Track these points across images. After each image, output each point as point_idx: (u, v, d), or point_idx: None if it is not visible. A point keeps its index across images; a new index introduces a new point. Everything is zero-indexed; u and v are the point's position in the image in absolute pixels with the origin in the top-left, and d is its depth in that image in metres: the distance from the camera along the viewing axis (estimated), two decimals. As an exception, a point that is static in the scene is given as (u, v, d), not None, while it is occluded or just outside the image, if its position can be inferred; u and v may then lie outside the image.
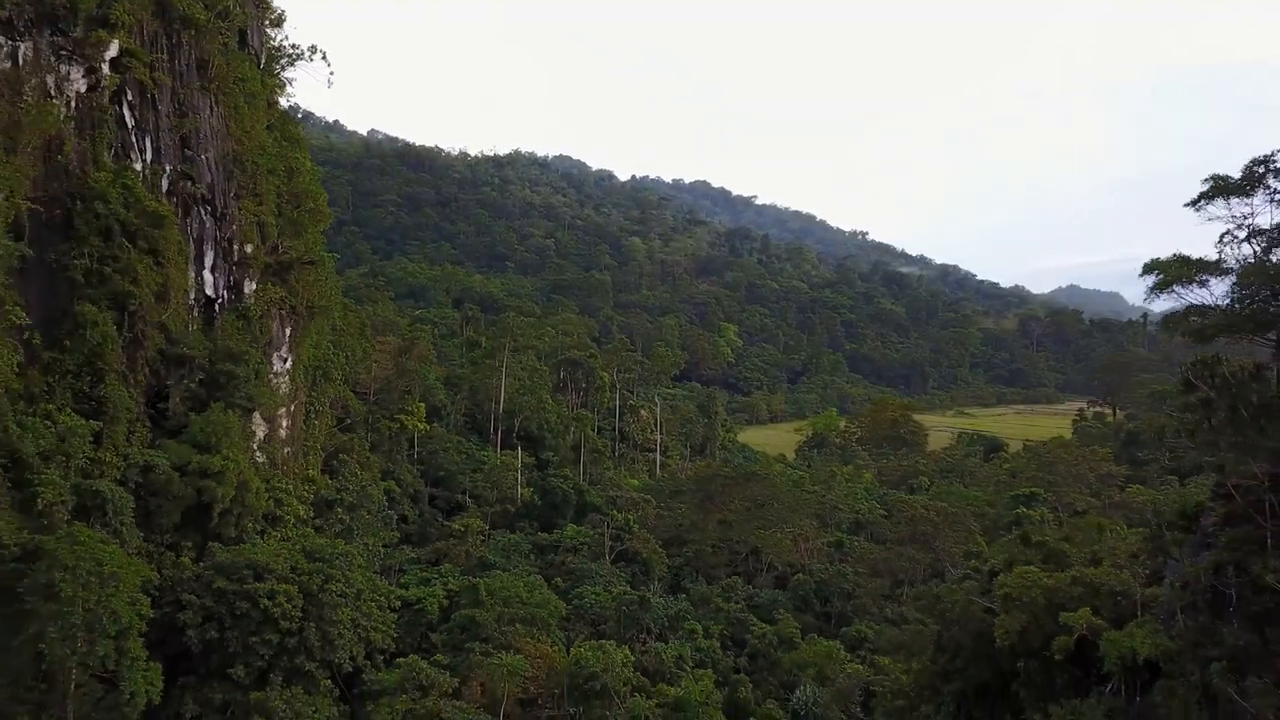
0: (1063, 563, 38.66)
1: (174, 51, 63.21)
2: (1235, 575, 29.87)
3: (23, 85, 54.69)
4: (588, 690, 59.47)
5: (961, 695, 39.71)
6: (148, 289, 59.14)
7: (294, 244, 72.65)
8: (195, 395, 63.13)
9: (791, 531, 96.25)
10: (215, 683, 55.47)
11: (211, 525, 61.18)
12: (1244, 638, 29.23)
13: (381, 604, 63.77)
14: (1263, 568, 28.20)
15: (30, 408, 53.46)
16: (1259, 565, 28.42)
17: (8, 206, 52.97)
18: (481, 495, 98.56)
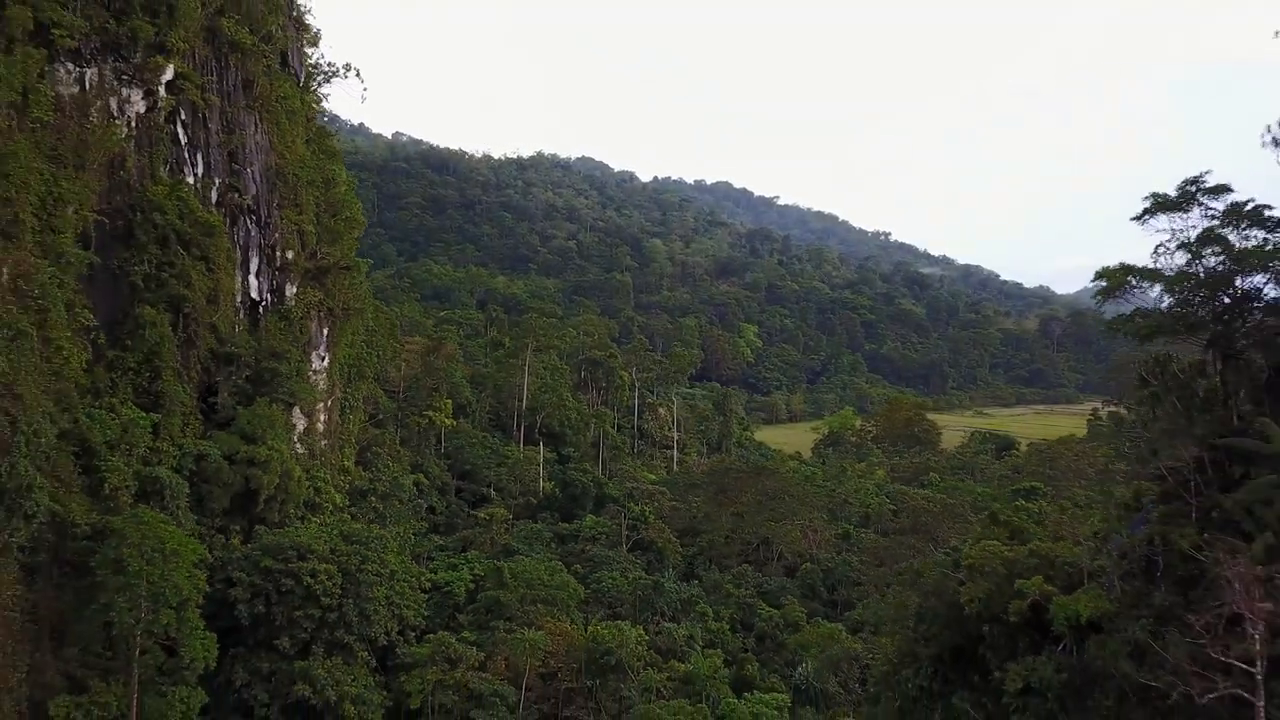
0: (1024, 539, 42.92)
1: (222, 73, 68.54)
2: (1163, 546, 34.10)
3: (89, 108, 60.15)
4: (604, 665, 64.22)
5: (937, 659, 43.94)
6: (200, 293, 64.50)
7: (331, 250, 77.89)
8: (242, 390, 68.42)
9: (801, 524, 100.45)
10: (262, 653, 60.59)
11: (257, 510, 66.40)
12: (1169, 599, 33.43)
13: (413, 584, 68.70)
14: (1180, 537, 32.35)
15: (96, 401, 58.82)
16: (1178, 536, 32.58)
17: (77, 219, 58.52)
18: (505, 488, 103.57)
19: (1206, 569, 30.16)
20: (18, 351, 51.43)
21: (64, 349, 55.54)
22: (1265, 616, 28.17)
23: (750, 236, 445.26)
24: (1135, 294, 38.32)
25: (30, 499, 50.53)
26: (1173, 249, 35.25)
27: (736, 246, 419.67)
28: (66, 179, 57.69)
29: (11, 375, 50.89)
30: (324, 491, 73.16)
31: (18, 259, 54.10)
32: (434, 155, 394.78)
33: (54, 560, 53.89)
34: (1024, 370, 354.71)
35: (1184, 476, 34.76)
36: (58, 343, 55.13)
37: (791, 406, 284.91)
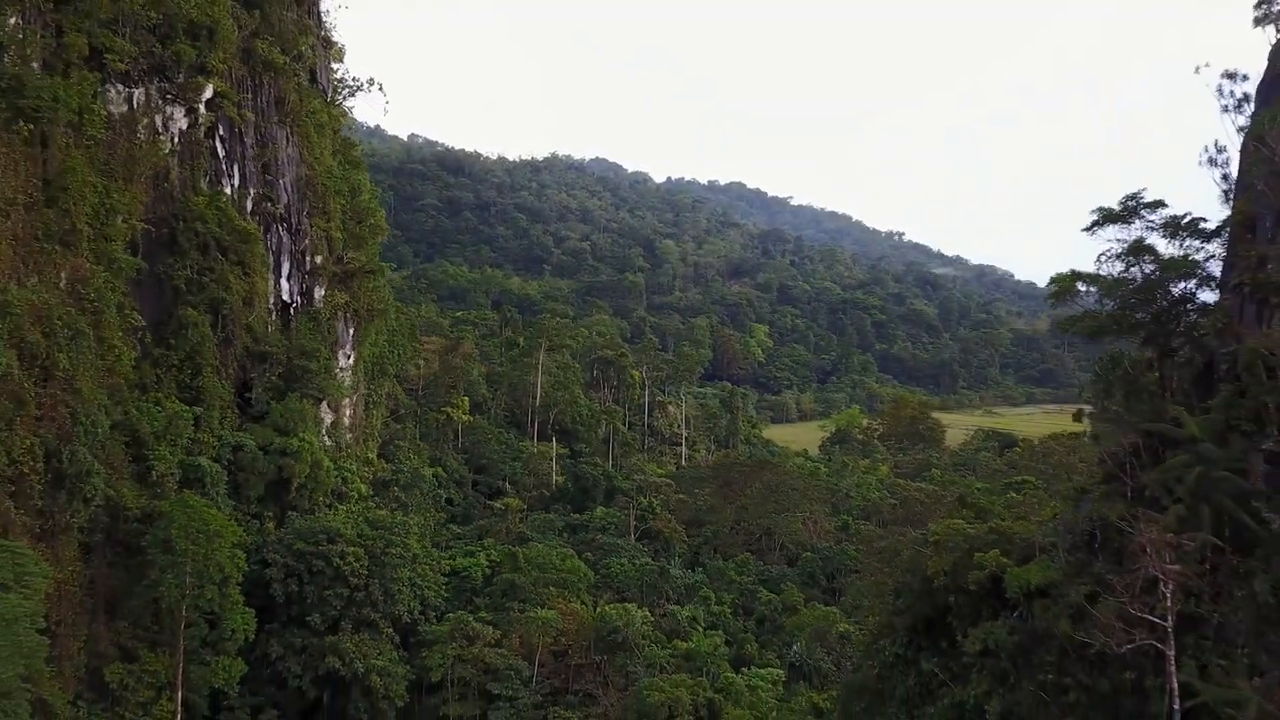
0: (986, 518, 47.26)
1: (257, 91, 73.57)
2: (1101, 521, 38.42)
3: (137, 125, 65.25)
4: (611, 642, 68.87)
5: (912, 629, 48.25)
6: (237, 295, 69.54)
7: (356, 255, 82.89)
8: (275, 386, 73.44)
9: (802, 515, 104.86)
10: (295, 629, 65.47)
11: (289, 498, 71.37)
12: (1106, 568, 37.75)
13: (434, 567, 73.60)
14: (1111, 512, 36.66)
15: (144, 395, 63.85)
16: (1111, 511, 36.89)
17: (126, 227, 63.62)
18: (520, 481, 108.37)
19: (1130, 539, 34.51)
20: (76, 349, 56.52)
21: (116, 347, 60.59)
22: (1175, 577, 32.57)
23: (762, 237, 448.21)
24: (1085, 297, 42.67)
25: (89, 483, 55.63)
26: (1113, 257, 39.60)
27: (749, 247, 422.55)
28: (117, 191, 62.78)
29: (71, 371, 56.02)
30: (350, 481, 78.05)
31: (75, 265, 59.26)
32: (449, 157, 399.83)
33: (108, 540, 58.95)
34: (1035, 370, 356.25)
35: (1121, 460, 39.11)
36: (110, 341, 60.17)
37: (802, 406, 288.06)
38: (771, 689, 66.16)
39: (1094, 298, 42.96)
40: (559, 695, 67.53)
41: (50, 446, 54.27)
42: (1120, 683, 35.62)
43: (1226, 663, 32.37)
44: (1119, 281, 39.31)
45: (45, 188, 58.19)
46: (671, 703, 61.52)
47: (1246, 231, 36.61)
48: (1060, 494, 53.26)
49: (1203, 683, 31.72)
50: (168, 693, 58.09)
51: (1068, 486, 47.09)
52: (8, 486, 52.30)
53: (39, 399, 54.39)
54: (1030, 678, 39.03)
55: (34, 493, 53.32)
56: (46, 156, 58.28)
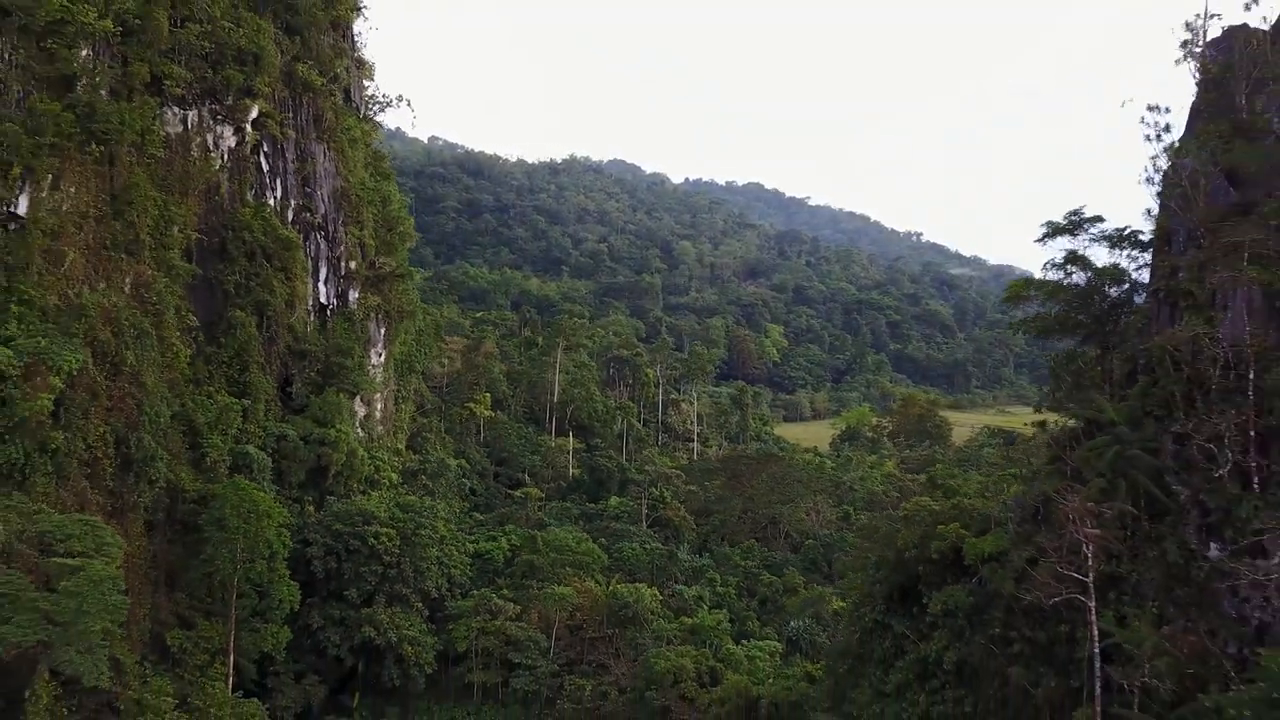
0: (952, 497, 52.85)
1: (297, 110, 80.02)
2: (1044, 496, 43.98)
3: (190, 144, 71.81)
4: (623, 617, 74.87)
5: (888, 597, 53.79)
6: (280, 298, 76.01)
7: (387, 260, 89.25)
8: (313, 381, 79.89)
9: (807, 506, 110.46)
10: (334, 602, 71.83)
11: (327, 484, 77.78)
12: (1048, 538, 43.32)
13: (460, 548, 79.86)
14: (1049, 488, 42.23)
15: (198, 389, 70.34)
16: (1049, 488, 42.48)
17: (182, 237, 70.18)
18: (538, 473, 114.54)
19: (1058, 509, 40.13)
20: (141, 347, 63.12)
21: (174, 345, 67.17)
22: (1096, 540, 38.18)
23: (779, 238, 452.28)
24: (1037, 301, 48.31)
25: (153, 467, 62.27)
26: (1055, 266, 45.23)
27: (765, 248, 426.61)
28: (174, 204, 69.39)
29: (137, 366, 62.60)
30: (382, 469, 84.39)
31: (138, 271, 65.85)
32: (469, 160, 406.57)
33: (168, 519, 65.53)
34: (1048, 369, 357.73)
35: (1063, 443, 44.73)
36: (169, 340, 66.74)
37: (815, 405, 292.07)
38: (769, 660, 71.95)
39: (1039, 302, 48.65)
40: (574, 665, 73.58)
41: (119, 434, 60.89)
42: (1055, 634, 41.26)
43: (1139, 613, 37.91)
44: (1059, 287, 44.92)
45: (112, 202, 64.80)
46: (676, 670, 67.54)
47: (1165, 244, 42.12)
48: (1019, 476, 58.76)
49: (1116, 628, 37.33)
50: (221, 658, 64.45)
51: (1025, 469, 52.55)
52: (84, 469, 58.96)
53: (109, 392, 61.00)
54: (982, 633, 44.71)
55: (106, 475, 59.97)
56: (113, 174, 64.86)
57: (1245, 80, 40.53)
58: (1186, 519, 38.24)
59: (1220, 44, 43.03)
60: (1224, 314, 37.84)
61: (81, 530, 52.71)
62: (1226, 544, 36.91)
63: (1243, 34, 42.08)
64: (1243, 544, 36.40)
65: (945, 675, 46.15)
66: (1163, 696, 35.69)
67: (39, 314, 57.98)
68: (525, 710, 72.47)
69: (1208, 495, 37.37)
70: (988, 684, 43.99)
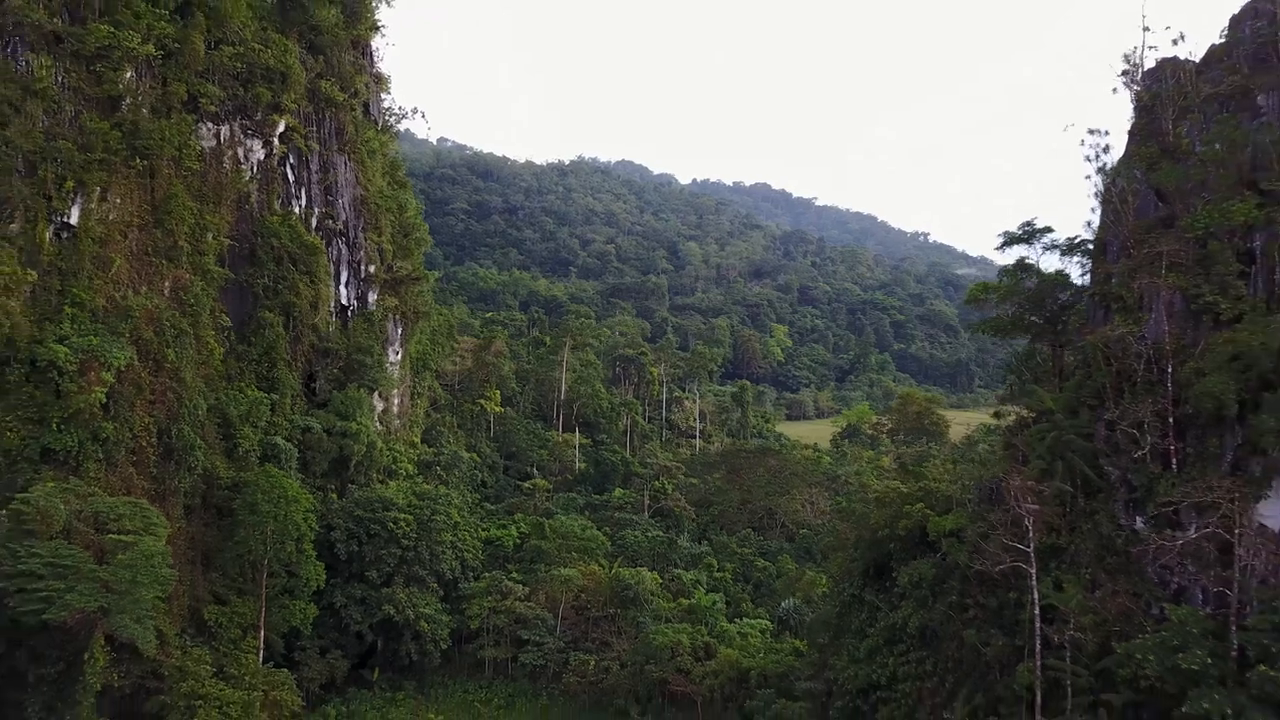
0: (920, 481, 58.04)
1: (320, 124, 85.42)
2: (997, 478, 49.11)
3: (223, 157, 77.24)
4: (624, 597, 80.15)
5: (865, 573, 58.94)
6: (305, 300, 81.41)
7: (403, 264, 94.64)
8: (336, 378, 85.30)
9: (802, 498, 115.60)
10: (356, 583, 77.20)
11: (348, 473, 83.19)
12: (999, 515, 48.46)
13: (472, 534, 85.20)
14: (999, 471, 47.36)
15: (230, 384, 75.73)
16: (1001, 472, 47.63)
17: (215, 243, 75.57)
18: (546, 466, 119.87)
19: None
20: (180, 346, 68.61)
21: (209, 344, 72.61)
22: (1035, 515, 43.35)
23: (784, 239, 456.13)
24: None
25: (191, 456, 67.72)
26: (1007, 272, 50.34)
27: (770, 249, 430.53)
28: (208, 213, 74.79)
29: (176, 363, 68.07)
30: (399, 461, 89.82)
31: (177, 275, 71.32)
32: (478, 162, 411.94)
33: (204, 504, 70.97)
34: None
35: (1016, 431, 49.88)
36: (205, 339, 72.16)
37: (819, 403, 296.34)
38: (760, 637, 77.14)
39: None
40: (579, 641, 78.90)
41: (161, 425, 66.43)
42: (1005, 600, 46.49)
43: (1074, 579, 43.05)
44: (1010, 291, 50.08)
45: (153, 212, 70.26)
46: (674, 645, 72.79)
47: (1101, 253, 47.19)
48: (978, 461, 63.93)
49: (1052, 592, 42.51)
50: (253, 632, 69.90)
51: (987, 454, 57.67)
52: (130, 457, 64.51)
53: (152, 386, 66.49)
54: (942, 600, 49.94)
55: (150, 462, 65.52)
56: (154, 186, 70.31)
57: (1172, 108, 45.61)
58: (1116, 496, 43.41)
59: (1154, 74, 48.15)
60: (1148, 315, 42.95)
61: (131, 511, 58.16)
62: (1149, 517, 42.03)
63: (1172, 66, 47.21)
64: (1162, 517, 41.54)
65: (910, 639, 51.40)
66: (1089, 649, 40.86)
67: (89, 315, 63.48)
68: (533, 684, 77.87)
69: (1133, 475, 42.53)
70: (947, 645, 49.22)
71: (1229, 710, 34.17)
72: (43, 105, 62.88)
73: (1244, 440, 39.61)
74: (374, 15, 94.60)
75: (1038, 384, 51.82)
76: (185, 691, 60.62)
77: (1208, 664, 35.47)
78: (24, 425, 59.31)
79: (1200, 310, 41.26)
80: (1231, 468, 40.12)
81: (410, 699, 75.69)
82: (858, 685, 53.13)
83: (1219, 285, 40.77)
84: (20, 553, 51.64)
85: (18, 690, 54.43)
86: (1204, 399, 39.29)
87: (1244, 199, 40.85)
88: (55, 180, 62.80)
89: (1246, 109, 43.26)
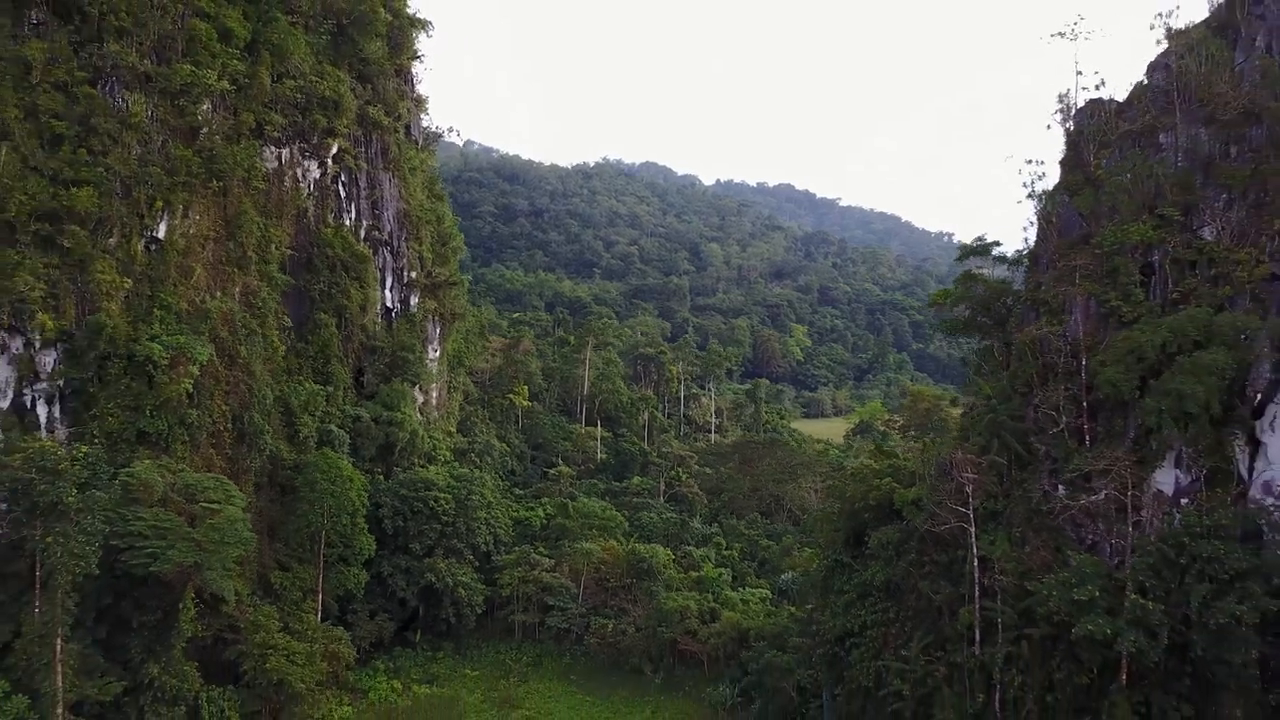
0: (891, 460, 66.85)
1: (368, 145, 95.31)
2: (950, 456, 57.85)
3: (284, 176, 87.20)
4: (640, 569, 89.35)
5: (845, 541, 67.75)
6: (355, 303, 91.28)
7: (441, 270, 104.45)
8: (382, 372, 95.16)
9: (809, 486, 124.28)
10: (401, 555, 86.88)
11: (393, 458, 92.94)
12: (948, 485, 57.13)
13: (504, 511, 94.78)
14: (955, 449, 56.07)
15: (290, 378, 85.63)
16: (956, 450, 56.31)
17: (278, 253, 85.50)
18: (570, 456, 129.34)
19: (953, 462, 54.11)
20: (250, 343, 78.57)
21: (274, 342, 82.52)
22: (975, 483, 52.14)
23: (805, 240, 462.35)
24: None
25: (261, 439, 77.61)
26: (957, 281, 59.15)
27: (792, 250, 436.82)
28: (272, 226, 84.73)
29: (248, 359, 78.00)
30: (438, 448, 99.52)
31: (246, 281, 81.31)
32: (505, 165, 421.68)
33: (271, 482, 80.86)
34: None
35: (973, 415, 58.67)
36: (270, 337, 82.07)
37: (837, 402, 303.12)
38: (761, 604, 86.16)
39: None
40: (599, 608, 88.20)
41: (235, 413, 76.33)
42: (953, 556, 55.26)
43: (1005, 536, 51.79)
44: (961, 296, 58.89)
45: (226, 226, 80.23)
46: (683, 610, 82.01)
47: (1034, 265, 55.93)
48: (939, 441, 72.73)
49: (987, 546, 51.29)
50: (312, 595, 79.67)
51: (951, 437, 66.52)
52: (210, 440, 74.46)
53: (227, 379, 76.44)
54: (904, 559, 58.74)
55: (226, 444, 75.48)
56: (226, 203, 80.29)
57: (1094, 142, 54.25)
58: (1041, 467, 52.14)
59: (1083, 112, 56.81)
60: (1068, 317, 51.65)
61: (214, 484, 67.94)
62: (1066, 484, 50.72)
63: (1097, 105, 55.85)
64: (1077, 484, 50.21)
65: (878, 593, 60.25)
66: (1014, 593, 49.67)
67: (175, 316, 73.39)
68: (558, 645, 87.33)
69: (1054, 449, 51.25)
70: (907, 597, 58.05)
71: (1109, 631, 42.87)
72: (136, 136, 72.82)
73: (1142, 420, 48.20)
74: (414, 45, 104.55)
75: (993, 375, 60.53)
76: (258, 642, 70.32)
77: (1096, 596, 44.10)
78: (123, 412, 69.15)
79: (1108, 313, 49.87)
80: (1133, 443, 48.70)
81: (449, 658, 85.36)
82: (835, 634, 62.02)
83: (1123, 292, 49.39)
84: (129, 517, 61.44)
85: (123, 635, 64.28)
86: (1106, 386, 47.91)
87: (1144, 221, 49.43)
88: (146, 201, 72.72)
89: (1151, 145, 51.82)
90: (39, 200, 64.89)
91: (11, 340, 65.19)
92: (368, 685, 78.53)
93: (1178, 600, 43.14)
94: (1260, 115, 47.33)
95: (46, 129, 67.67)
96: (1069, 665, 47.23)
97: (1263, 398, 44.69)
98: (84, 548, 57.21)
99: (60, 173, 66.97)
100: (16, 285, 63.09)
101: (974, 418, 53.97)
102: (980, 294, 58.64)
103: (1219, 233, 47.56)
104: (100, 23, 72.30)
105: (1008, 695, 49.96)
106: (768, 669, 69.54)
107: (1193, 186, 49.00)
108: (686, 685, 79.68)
